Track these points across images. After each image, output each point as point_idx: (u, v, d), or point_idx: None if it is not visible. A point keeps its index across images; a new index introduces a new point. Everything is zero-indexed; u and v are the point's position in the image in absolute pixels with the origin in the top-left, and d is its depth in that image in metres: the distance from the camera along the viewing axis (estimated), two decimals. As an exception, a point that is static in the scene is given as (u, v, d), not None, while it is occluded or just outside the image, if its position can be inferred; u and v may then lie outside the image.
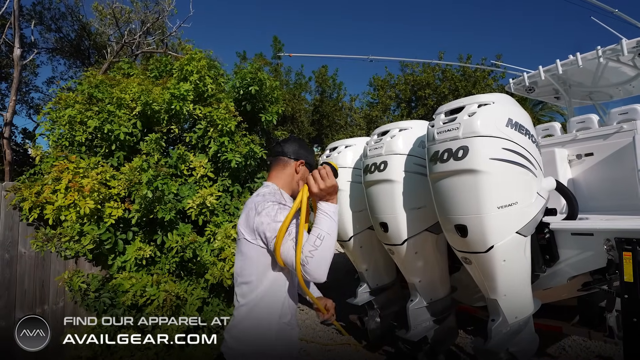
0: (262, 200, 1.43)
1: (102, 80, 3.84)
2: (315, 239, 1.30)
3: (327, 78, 10.09)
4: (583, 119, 3.98)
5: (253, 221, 1.38)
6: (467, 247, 2.11)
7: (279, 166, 1.61)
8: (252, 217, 1.39)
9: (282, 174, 1.60)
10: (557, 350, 3.38)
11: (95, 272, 3.50)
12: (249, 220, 1.41)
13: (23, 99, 10.14)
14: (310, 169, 1.64)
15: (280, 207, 1.40)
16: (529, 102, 15.33)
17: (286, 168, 1.61)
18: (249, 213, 1.42)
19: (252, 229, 1.39)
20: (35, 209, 3.12)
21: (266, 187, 1.56)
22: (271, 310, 1.41)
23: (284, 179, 1.60)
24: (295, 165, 1.61)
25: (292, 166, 1.60)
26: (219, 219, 3.59)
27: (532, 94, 6.51)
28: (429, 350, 2.84)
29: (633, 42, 4.53)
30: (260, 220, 1.36)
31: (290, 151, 1.61)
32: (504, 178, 1.99)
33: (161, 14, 8.39)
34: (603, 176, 3.42)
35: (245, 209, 1.48)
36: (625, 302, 2.09)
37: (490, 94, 2.12)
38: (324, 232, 1.32)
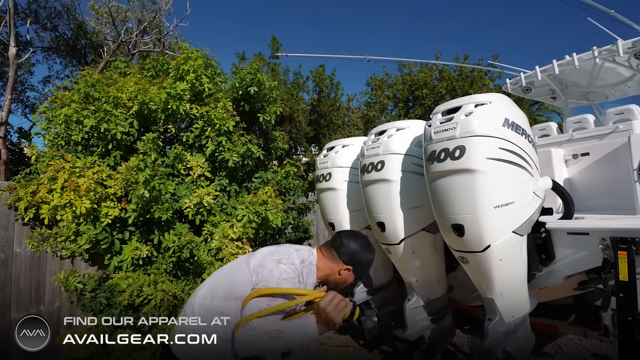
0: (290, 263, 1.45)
1: (99, 80, 3.82)
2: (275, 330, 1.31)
3: (324, 78, 10.08)
4: (579, 119, 4.01)
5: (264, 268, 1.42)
6: (464, 246, 2.12)
7: (331, 253, 1.61)
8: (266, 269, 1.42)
9: (328, 262, 1.60)
10: (553, 349, 3.40)
11: (91, 272, 3.48)
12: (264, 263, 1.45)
13: (19, 98, 10.07)
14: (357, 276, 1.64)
15: (292, 280, 1.41)
16: (525, 102, 15.38)
17: (333, 263, 1.60)
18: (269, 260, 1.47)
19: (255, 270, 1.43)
20: (31, 208, 3.09)
21: (307, 250, 1.59)
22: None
23: (326, 267, 1.60)
24: (341, 268, 1.59)
25: (338, 265, 1.59)
26: (216, 218, 3.58)
27: (529, 94, 6.54)
28: (425, 349, 2.85)
29: (629, 43, 4.56)
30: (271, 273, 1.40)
31: (346, 252, 1.59)
32: (500, 178, 2.00)
33: (158, 13, 8.37)
34: (599, 176, 3.44)
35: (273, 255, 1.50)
36: (620, 300, 2.10)
37: (487, 94, 2.13)
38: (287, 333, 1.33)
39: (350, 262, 1.59)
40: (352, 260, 1.59)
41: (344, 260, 1.58)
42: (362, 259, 1.63)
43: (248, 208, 3.46)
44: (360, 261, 1.62)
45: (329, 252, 1.61)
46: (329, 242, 1.67)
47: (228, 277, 1.55)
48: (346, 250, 1.59)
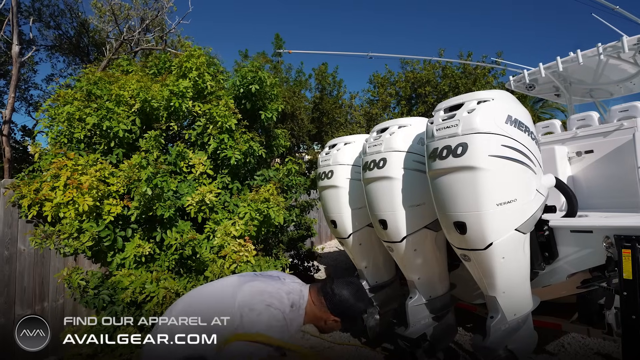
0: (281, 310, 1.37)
1: (101, 77, 3.83)
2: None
3: (327, 75, 10.05)
4: (583, 116, 3.97)
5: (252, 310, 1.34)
6: (466, 244, 2.11)
7: (319, 302, 1.53)
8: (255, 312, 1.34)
9: (317, 310, 1.53)
10: (556, 348, 3.39)
11: (94, 269, 3.50)
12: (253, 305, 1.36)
13: (22, 96, 10.12)
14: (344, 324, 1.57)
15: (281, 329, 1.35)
16: (529, 99, 15.30)
17: (321, 312, 1.53)
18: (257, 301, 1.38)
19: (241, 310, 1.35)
20: (34, 206, 3.11)
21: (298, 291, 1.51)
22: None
23: (313, 314, 1.54)
24: (328, 319, 1.54)
25: (326, 315, 1.53)
26: (218, 216, 3.59)
27: (533, 92, 6.49)
28: (428, 347, 2.84)
29: (634, 39, 4.51)
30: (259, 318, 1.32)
31: (336, 304, 1.52)
32: (503, 175, 1.98)
33: (160, 11, 8.37)
34: (603, 173, 3.41)
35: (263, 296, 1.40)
36: (624, 299, 2.09)
37: (489, 91, 2.11)
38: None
39: (340, 315, 1.53)
40: (341, 312, 1.53)
41: (333, 312, 1.52)
42: (353, 311, 1.56)
43: (250, 206, 3.46)
44: (350, 314, 1.56)
45: (318, 300, 1.54)
46: (320, 287, 1.58)
47: (209, 301, 1.48)
48: (336, 301, 1.52)
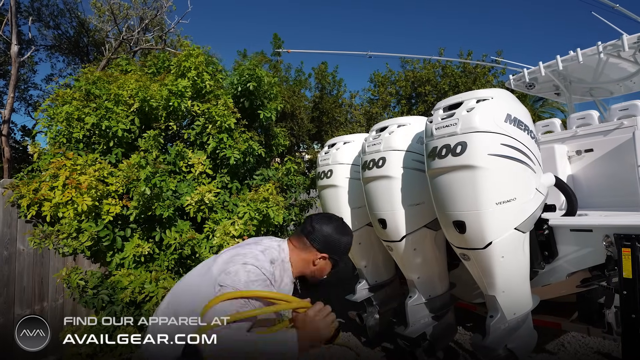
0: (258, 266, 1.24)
1: (100, 77, 3.82)
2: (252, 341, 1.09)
3: (326, 75, 10.03)
4: (583, 115, 3.97)
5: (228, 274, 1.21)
6: (466, 243, 2.11)
7: (301, 243, 1.43)
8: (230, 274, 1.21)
9: (301, 252, 1.42)
10: (556, 347, 3.39)
11: (93, 269, 3.50)
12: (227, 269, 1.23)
13: (22, 96, 10.11)
14: (334, 264, 1.46)
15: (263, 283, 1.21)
16: (529, 98, 15.28)
17: (306, 251, 1.42)
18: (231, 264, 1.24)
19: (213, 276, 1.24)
20: (33, 205, 3.11)
21: (276, 246, 1.39)
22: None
23: (299, 259, 1.42)
24: (315, 257, 1.42)
25: (313, 254, 1.41)
26: (217, 215, 3.58)
27: (532, 90, 6.48)
28: (427, 346, 2.84)
29: (634, 38, 4.50)
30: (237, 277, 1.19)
31: (318, 239, 1.41)
32: (502, 174, 1.98)
33: (159, 10, 8.36)
34: (603, 172, 3.41)
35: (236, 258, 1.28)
36: (624, 298, 2.08)
37: (489, 90, 2.11)
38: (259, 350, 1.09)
39: (325, 249, 1.41)
40: (326, 247, 1.40)
41: (318, 248, 1.40)
42: (339, 244, 1.44)
43: (249, 205, 3.46)
44: (337, 246, 1.43)
45: (300, 241, 1.42)
46: (299, 230, 1.46)
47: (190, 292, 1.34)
48: (319, 235, 1.40)
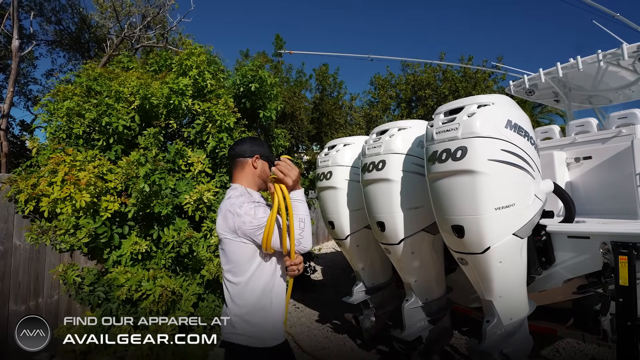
0: (237, 202, 1.52)
1: (101, 73, 3.82)
2: (299, 222, 1.52)
3: (327, 76, 10.05)
4: (582, 122, 3.99)
5: (233, 222, 1.48)
6: (464, 247, 2.11)
7: (238, 167, 1.69)
8: (232, 219, 1.49)
9: (242, 173, 1.68)
10: (551, 353, 3.39)
11: (90, 266, 3.49)
12: (227, 222, 1.50)
13: (21, 90, 10.07)
14: (267, 160, 1.73)
15: (255, 204, 1.52)
16: (529, 104, 15.34)
17: (245, 167, 1.68)
18: (226, 215, 1.51)
19: (233, 229, 1.49)
20: (31, 201, 3.10)
21: (234, 190, 1.63)
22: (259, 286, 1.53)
23: (246, 178, 1.68)
24: (252, 162, 1.68)
25: (249, 164, 1.68)
26: (215, 215, 3.58)
27: (532, 97, 6.51)
28: (423, 350, 2.84)
29: (634, 47, 4.53)
30: (242, 220, 1.47)
31: (243, 150, 1.68)
32: (501, 179, 1.98)
33: (162, 8, 8.35)
34: (601, 180, 3.42)
35: (221, 212, 1.56)
36: (619, 305, 2.09)
37: (490, 95, 2.11)
38: (302, 214, 1.54)
39: (251, 152, 1.68)
40: (250, 150, 1.68)
41: (248, 156, 1.67)
42: (254, 142, 1.73)
43: (248, 205, 3.45)
44: (257, 145, 1.72)
45: (237, 168, 1.69)
46: (231, 167, 1.74)
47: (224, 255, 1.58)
48: (240, 150, 1.68)
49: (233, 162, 1.71)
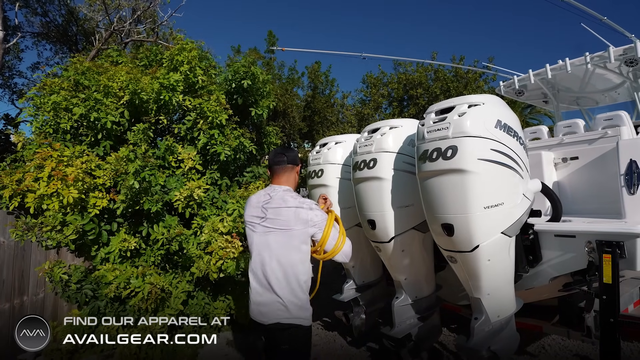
0: (307, 201, 1.92)
1: (89, 67, 3.74)
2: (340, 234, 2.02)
3: (319, 74, 10.03)
4: (570, 123, 4.06)
5: (306, 215, 1.85)
6: (453, 246, 2.13)
7: (287, 172, 2.04)
8: (305, 212, 1.85)
9: (291, 178, 2.06)
10: (537, 349, 3.46)
11: (77, 264, 3.43)
12: (300, 215, 1.84)
13: (6, 83, 9.84)
14: (300, 168, 2.15)
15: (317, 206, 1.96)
16: (518, 105, 15.55)
17: (292, 173, 2.06)
18: (298, 210, 1.85)
19: (305, 220, 1.84)
20: (16, 197, 3.02)
21: (289, 191, 1.98)
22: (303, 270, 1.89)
23: (292, 182, 2.06)
24: (297, 170, 2.10)
25: (296, 171, 2.08)
26: (206, 212, 3.55)
27: (522, 97, 6.60)
28: (412, 347, 2.87)
29: (620, 50, 4.62)
30: (315, 213, 1.87)
31: (294, 159, 2.06)
32: (491, 179, 2.01)
33: (152, 2, 8.22)
34: (587, 180, 3.49)
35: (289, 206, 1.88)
36: (603, 303, 2.14)
37: (480, 95, 2.13)
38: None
39: (297, 162, 2.08)
40: (296, 160, 2.07)
41: (294, 165, 2.06)
42: (297, 155, 2.14)
43: (239, 202, 3.44)
44: (298, 157, 2.11)
45: (286, 173, 2.03)
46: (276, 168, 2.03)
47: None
48: (292, 158, 2.05)
49: (283, 167, 2.02)
